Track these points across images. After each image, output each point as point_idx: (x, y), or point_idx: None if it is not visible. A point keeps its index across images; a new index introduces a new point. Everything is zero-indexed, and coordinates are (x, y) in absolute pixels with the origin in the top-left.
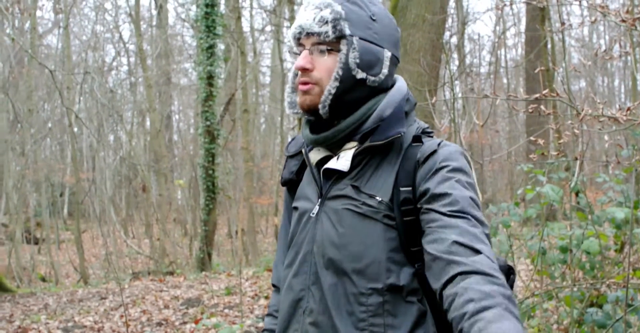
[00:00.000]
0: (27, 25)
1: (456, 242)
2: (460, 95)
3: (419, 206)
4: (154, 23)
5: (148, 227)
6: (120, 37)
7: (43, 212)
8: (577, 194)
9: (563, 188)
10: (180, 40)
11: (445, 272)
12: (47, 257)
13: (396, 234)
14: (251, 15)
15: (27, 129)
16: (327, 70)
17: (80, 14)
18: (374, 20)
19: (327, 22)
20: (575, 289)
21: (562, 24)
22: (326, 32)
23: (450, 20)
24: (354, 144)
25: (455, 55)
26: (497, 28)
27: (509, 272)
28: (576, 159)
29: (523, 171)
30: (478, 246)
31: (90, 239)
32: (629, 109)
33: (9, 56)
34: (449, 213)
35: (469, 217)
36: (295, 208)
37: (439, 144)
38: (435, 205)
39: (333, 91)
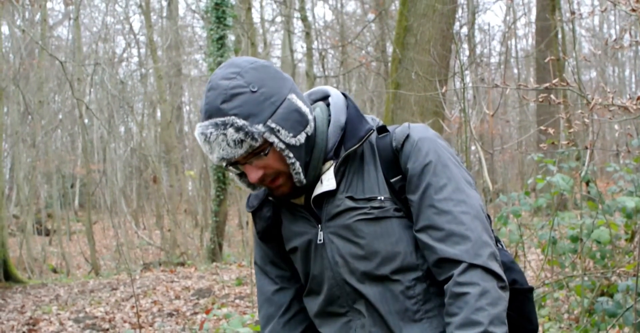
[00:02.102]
0: (37, 16)
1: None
2: (470, 85)
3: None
4: (165, 14)
5: (159, 218)
6: (131, 28)
7: (54, 203)
8: (587, 184)
9: (573, 178)
10: (190, 32)
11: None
12: (58, 248)
13: (410, 222)
14: (261, 6)
15: (38, 120)
16: (277, 162)
17: (90, 6)
18: (256, 91)
19: (242, 141)
20: (585, 278)
21: (573, 13)
22: (250, 146)
23: (460, 10)
24: (330, 163)
25: (465, 45)
26: (508, 18)
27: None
28: (586, 148)
29: (534, 161)
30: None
31: (101, 230)
32: (639, 98)
33: (20, 48)
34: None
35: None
36: (294, 248)
37: (408, 127)
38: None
39: (300, 169)
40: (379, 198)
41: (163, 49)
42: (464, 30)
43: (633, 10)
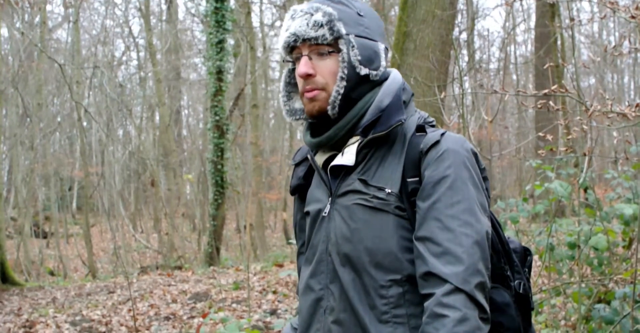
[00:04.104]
0: (37, 19)
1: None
2: (469, 91)
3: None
4: (164, 18)
5: (156, 222)
6: (130, 31)
7: (52, 206)
8: (585, 190)
9: (572, 185)
10: (189, 35)
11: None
12: (55, 251)
13: (409, 224)
14: (261, 10)
15: (37, 123)
16: (330, 72)
17: (90, 9)
18: (361, 15)
19: (322, 25)
20: (583, 285)
21: (572, 20)
22: (323, 35)
23: (459, 16)
24: (356, 138)
25: (464, 51)
26: (507, 24)
27: (525, 254)
28: (585, 155)
29: (532, 167)
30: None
31: (99, 233)
32: (637, 105)
33: (19, 50)
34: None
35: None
36: (307, 213)
37: (442, 134)
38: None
39: (341, 91)
40: (386, 190)
41: (162, 53)
42: (464, 36)
43: (632, 17)
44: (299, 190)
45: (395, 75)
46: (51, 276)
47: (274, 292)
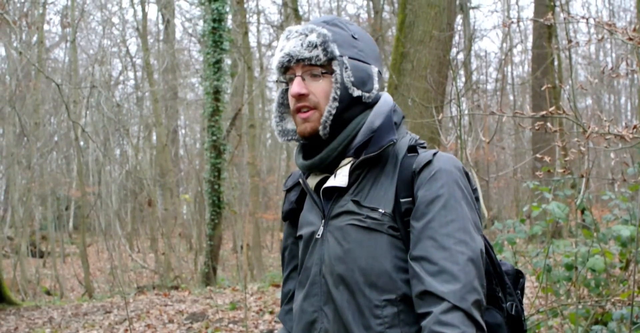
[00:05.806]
0: (34, 38)
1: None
2: (466, 111)
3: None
4: (161, 38)
5: (153, 242)
6: (127, 51)
7: (48, 225)
8: (582, 212)
9: (569, 206)
10: (187, 55)
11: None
12: (52, 270)
13: (402, 244)
14: (258, 31)
15: (34, 142)
16: (323, 93)
17: (87, 28)
18: (355, 38)
19: (316, 46)
20: (580, 306)
21: (569, 41)
22: (317, 56)
23: (457, 36)
24: (348, 159)
25: (461, 72)
26: (504, 45)
27: (517, 276)
28: (582, 176)
29: (529, 188)
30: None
31: (96, 253)
32: (635, 126)
33: (16, 70)
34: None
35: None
36: (300, 237)
37: (434, 154)
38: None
39: (333, 111)
40: (380, 210)
41: (159, 72)
42: (461, 56)
43: (629, 39)
44: (291, 215)
45: (386, 98)
46: (47, 295)
47: (271, 313)
